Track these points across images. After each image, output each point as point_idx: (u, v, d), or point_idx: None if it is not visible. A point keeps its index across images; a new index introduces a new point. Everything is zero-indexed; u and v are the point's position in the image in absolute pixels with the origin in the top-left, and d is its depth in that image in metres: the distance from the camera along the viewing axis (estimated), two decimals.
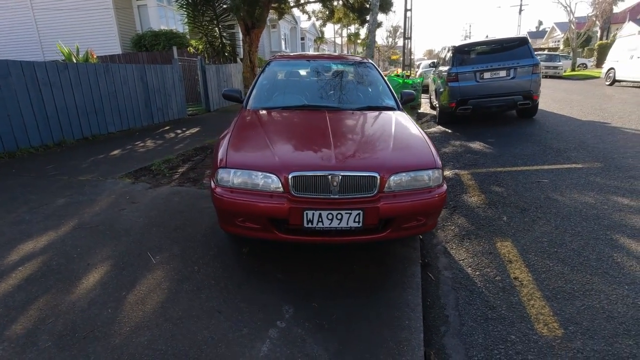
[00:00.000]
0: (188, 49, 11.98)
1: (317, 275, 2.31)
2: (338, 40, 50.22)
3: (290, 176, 2.11)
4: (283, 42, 29.77)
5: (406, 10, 17.92)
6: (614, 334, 1.74)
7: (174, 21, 16.62)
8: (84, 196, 3.56)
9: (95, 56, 7.93)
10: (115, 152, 5.40)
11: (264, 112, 3.11)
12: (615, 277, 2.16)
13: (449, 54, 7.54)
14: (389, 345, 1.73)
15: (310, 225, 2.12)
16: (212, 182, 2.35)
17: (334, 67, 3.85)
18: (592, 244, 2.53)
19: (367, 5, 12.43)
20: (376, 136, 2.58)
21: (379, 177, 2.12)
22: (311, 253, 2.53)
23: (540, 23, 48.95)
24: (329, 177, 2.10)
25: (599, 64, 29.87)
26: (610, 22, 35.32)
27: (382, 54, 55.53)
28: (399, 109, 3.25)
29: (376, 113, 3.08)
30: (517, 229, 2.85)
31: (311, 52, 41.39)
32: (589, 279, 2.16)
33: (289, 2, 12.61)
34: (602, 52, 30.93)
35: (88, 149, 5.64)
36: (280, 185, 2.12)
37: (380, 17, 14.83)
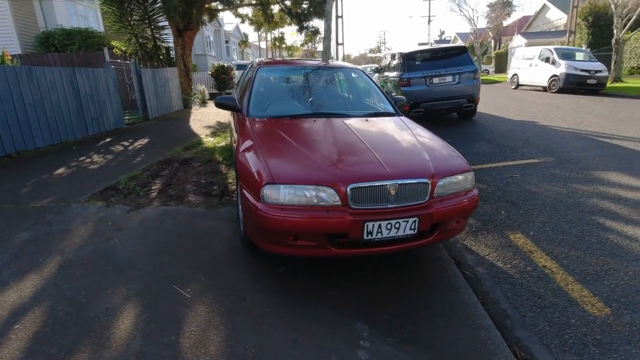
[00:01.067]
0: (114, 50, 10.78)
1: (365, 286, 2.26)
2: (262, 45, 49.81)
3: (349, 189, 2.03)
4: (207, 46, 28.51)
5: (337, 17, 18.58)
6: None
7: (88, 19, 14.82)
8: (51, 226, 2.96)
9: (9, 56, 6.66)
10: (60, 170, 4.61)
11: (275, 121, 2.94)
12: (621, 256, 2.52)
13: (397, 61, 8.01)
14: (477, 347, 1.78)
15: (370, 237, 2.07)
16: (249, 199, 2.16)
17: (326, 73, 3.82)
18: (587, 229, 2.91)
19: (305, 11, 12.57)
20: (406, 143, 2.62)
21: (430, 183, 2.17)
22: (343, 264, 2.46)
23: (442, 32, 54.28)
24: (387, 186, 2.08)
25: (498, 70, 34.41)
26: (501, 34, 40.76)
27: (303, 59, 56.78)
28: (398, 114, 3.35)
29: (387, 119, 3.13)
30: (519, 221, 3.15)
31: (236, 55, 40.29)
32: (602, 260, 2.48)
33: (227, 3, 12.12)
34: (499, 60, 35.69)
35: (20, 168, 4.72)
36: (338, 198, 2.03)
37: (317, 23, 15.17)
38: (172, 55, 12.12)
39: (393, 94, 8.17)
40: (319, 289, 2.24)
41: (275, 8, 13.47)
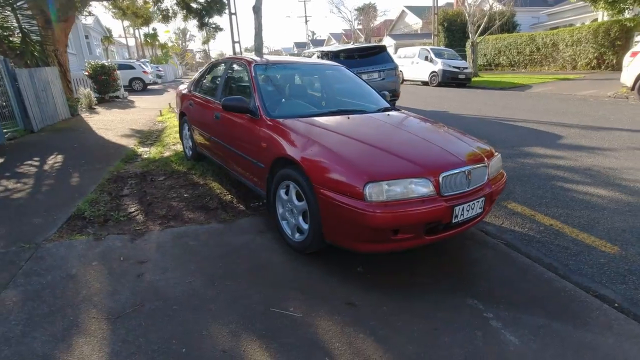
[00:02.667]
0: None
1: (439, 270, 2.44)
2: (131, 42, 44.33)
3: (441, 178, 2.17)
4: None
5: (230, 14, 17.88)
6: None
7: None
8: (43, 276, 2.25)
9: None
10: None
11: (308, 120, 2.82)
12: (594, 207, 3.27)
13: (326, 59, 8.30)
14: (561, 296, 2.13)
15: (455, 220, 2.25)
16: (341, 201, 2.09)
17: (322, 72, 3.79)
18: (556, 192, 3.65)
19: (206, 6, 11.77)
20: (444, 133, 2.85)
21: (487, 165, 2.46)
22: (404, 256, 2.58)
23: (314, 33, 57.48)
24: (466, 172, 2.28)
25: None
26: (371, 35, 45.30)
27: (180, 58, 52.64)
28: (396, 108, 3.59)
29: (398, 113, 3.32)
30: (505, 192, 3.74)
31: (99, 51, 35.08)
32: (584, 212, 3.18)
33: None
34: None
35: None
36: (432, 188, 2.15)
37: (217, 19, 14.33)
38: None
39: None
40: (411, 280, 2.32)
41: (169, 2, 12.30)
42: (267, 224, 3.04)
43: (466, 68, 15.31)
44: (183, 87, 5.11)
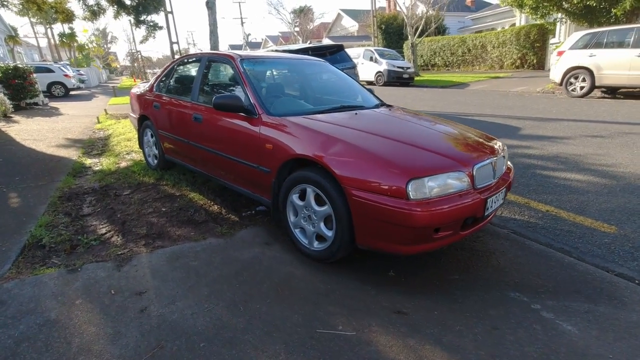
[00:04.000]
0: None
1: (464, 266, 2.38)
2: (42, 42, 39.55)
3: (475, 170, 2.09)
4: None
5: (167, 13, 16.66)
6: (631, 213, 2.91)
7: None
8: (18, 323, 1.73)
9: None
10: None
11: (314, 117, 2.60)
12: (577, 191, 3.46)
13: None
14: (586, 278, 2.17)
15: (487, 212, 2.20)
16: (379, 202, 1.92)
17: (311, 67, 3.56)
18: (540, 179, 3.82)
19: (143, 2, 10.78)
20: (453, 127, 2.78)
21: (505, 156, 2.46)
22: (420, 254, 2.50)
23: (248, 35, 56.58)
24: (492, 163, 2.24)
25: None
26: (309, 37, 45.71)
27: (102, 61, 48.23)
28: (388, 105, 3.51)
29: (395, 108, 3.22)
30: None
31: (2, 53, 30.85)
32: (571, 197, 3.36)
33: None
34: None
35: None
36: (467, 181, 2.06)
37: (156, 17, 13.23)
38: None
39: None
40: (444, 278, 2.22)
41: None
42: (271, 234, 2.75)
43: (409, 68, 16.02)
44: (140, 89, 4.53)
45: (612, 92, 9.13)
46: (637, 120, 6.03)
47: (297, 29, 43.75)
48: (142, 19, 10.94)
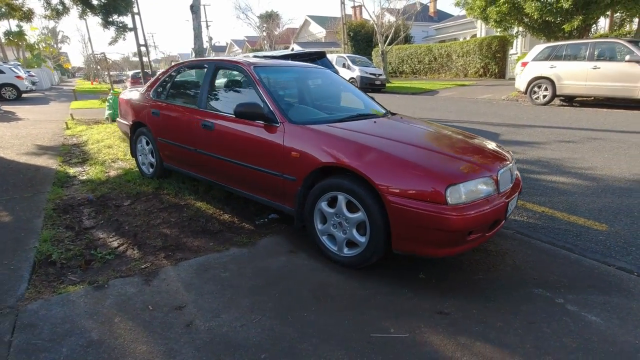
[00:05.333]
0: None
1: (480, 267, 2.54)
2: None
3: (499, 175, 2.24)
4: None
5: (133, 14, 15.95)
6: (616, 212, 3.21)
7: None
8: (58, 345, 1.62)
9: None
10: None
11: (336, 125, 2.65)
12: (565, 192, 3.76)
13: None
14: (595, 273, 2.39)
15: (507, 215, 2.36)
16: (418, 208, 2.01)
17: (319, 75, 3.61)
18: (529, 182, 4.11)
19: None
20: (469, 135, 2.95)
21: (514, 161, 2.65)
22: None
23: (211, 39, 55.52)
24: (510, 168, 2.41)
25: None
26: (276, 42, 45.63)
27: (54, 62, 45.11)
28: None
29: (406, 117, 3.35)
30: None
31: None
32: (561, 198, 3.64)
33: None
34: None
35: None
36: (494, 186, 2.21)
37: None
38: None
39: None
40: (471, 278, 2.34)
41: None
42: (293, 243, 2.75)
43: (381, 75, 16.49)
44: (131, 94, 4.35)
45: (569, 100, 9.95)
46: (598, 127, 6.63)
47: (264, 33, 43.57)
48: (111, 19, 10.41)
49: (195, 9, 6.22)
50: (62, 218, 3.14)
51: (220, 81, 3.36)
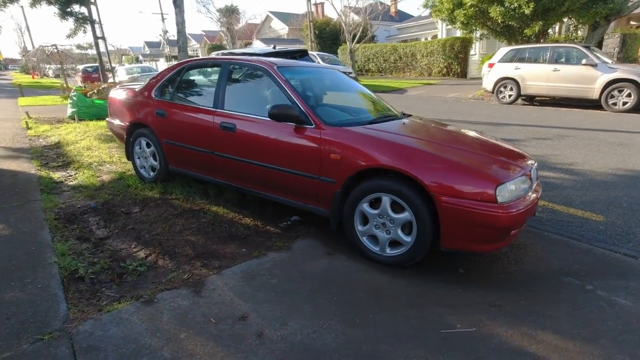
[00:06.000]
0: None
1: (520, 260, 2.70)
2: None
3: (532, 173, 2.40)
4: None
5: (90, 3, 14.74)
6: (607, 203, 3.53)
7: None
8: None
9: None
10: None
11: (370, 127, 2.68)
12: (559, 187, 4.08)
13: None
14: (607, 260, 2.64)
15: (536, 209, 2.53)
16: (468, 206, 2.11)
17: (335, 76, 3.60)
18: None
19: None
20: (488, 136, 3.11)
21: None
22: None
23: (166, 32, 53.07)
24: (535, 167, 2.59)
25: None
26: (235, 38, 44.53)
27: None
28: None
29: (422, 118, 3.45)
30: None
31: None
32: (557, 192, 3.94)
33: None
34: None
35: None
36: (529, 183, 2.36)
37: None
38: None
39: None
40: (505, 270, 2.49)
41: None
42: (327, 245, 2.76)
43: (351, 73, 16.69)
44: (125, 92, 4.08)
45: (530, 99, 10.73)
46: (565, 125, 7.23)
47: (224, 28, 42.36)
48: (69, 9, 9.59)
49: (178, 2, 5.85)
50: (69, 229, 2.89)
51: (238, 81, 3.26)
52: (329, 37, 26.99)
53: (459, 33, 19.71)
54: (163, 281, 2.23)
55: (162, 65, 45.76)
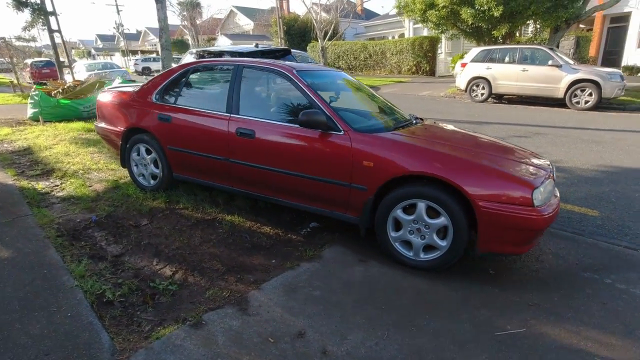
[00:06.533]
0: None
1: (541, 260, 2.85)
2: None
3: (553, 173, 2.53)
4: None
5: None
6: (599, 199, 3.79)
7: None
8: None
9: None
10: None
11: (401, 133, 2.71)
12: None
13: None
14: (613, 253, 2.85)
15: None
16: (510, 210, 2.19)
17: (342, 80, 3.56)
18: None
19: None
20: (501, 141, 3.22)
21: None
22: None
23: (121, 25, 50.29)
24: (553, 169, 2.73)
25: None
26: (198, 33, 43.09)
27: None
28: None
29: (432, 121, 3.52)
30: None
31: None
32: None
33: None
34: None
35: None
36: (553, 185, 2.49)
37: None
38: None
39: None
40: (530, 268, 2.61)
41: None
42: (356, 251, 2.74)
43: None
44: (116, 95, 3.80)
45: (499, 98, 11.29)
46: (540, 123, 7.66)
47: (185, 22, 40.76)
48: (25, 0, 8.77)
49: None
50: (77, 246, 2.66)
51: (254, 86, 3.15)
52: (297, 33, 26.79)
53: (426, 32, 20.36)
54: (202, 300, 2.12)
55: (117, 60, 43.21)
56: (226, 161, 3.07)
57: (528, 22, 11.41)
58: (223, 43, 37.02)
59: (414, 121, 3.24)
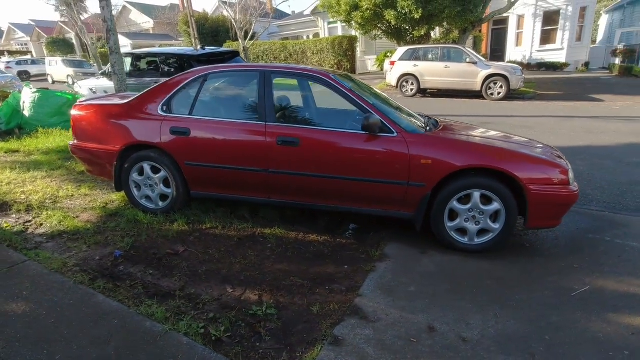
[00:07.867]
0: None
1: (563, 238, 3.35)
2: None
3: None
4: None
5: None
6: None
7: None
8: None
9: None
10: None
11: (442, 131, 2.94)
12: None
13: (176, 62, 7.00)
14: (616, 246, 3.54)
15: None
16: (551, 191, 2.59)
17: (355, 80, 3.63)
18: None
19: None
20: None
21: None
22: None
23: None
24: None
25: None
26: (85, 30, 38.06)
27: None
28: None
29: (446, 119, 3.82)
30: None
31: None
32: None
33: None
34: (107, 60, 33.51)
35: None
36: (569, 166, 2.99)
37: None
38: None
39: None
40: (548, 236, 3.08)
41: None
42: (413, 245, 2.89)
43: None
44: (104, 107, 3.28)
45: (423, 92, 12.52)
46: (476, 113, 8.74)
47: (65, 19, 35.57)
48: None
49: None
50: (124, 287, 2.28)
51: (287, 92, 3.04)
52: (209, 33, 25.55)
53: (340, 32, 21.30)
54: (314, 318, 2.04)
55: None
56: (264, 172, 2.93)
57: (443, 23, 12.83)
58: (122, 43, 33.19)
59: (433, 120, 3.52)
